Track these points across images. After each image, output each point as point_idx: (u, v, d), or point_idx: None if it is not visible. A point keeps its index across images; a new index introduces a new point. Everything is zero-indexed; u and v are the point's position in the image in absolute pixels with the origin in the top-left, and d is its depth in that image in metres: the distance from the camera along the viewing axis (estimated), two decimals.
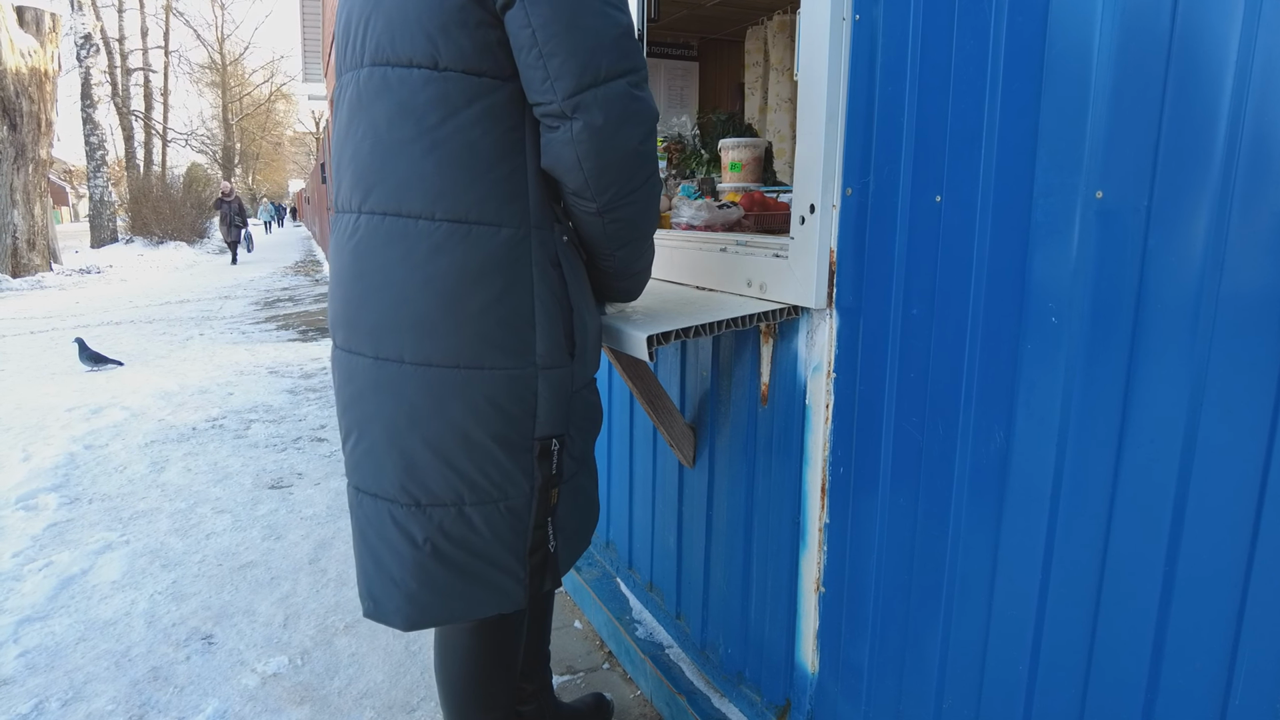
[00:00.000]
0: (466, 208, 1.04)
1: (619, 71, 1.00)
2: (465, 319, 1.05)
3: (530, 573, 1.18)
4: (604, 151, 1.01)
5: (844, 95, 1.20)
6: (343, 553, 2.61)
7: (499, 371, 1.07)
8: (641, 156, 1.05)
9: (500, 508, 1.13)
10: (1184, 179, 0.77)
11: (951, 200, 1.03)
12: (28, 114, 11.52)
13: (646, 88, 1.05)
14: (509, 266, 1.06)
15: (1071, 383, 0.89)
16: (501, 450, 1.10)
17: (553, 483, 1.17)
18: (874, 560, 1.20)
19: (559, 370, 1.12)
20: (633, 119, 1.02)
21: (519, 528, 1.15)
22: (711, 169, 2.69)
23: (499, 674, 1.32)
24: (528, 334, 1.08)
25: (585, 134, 0.99)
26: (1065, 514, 0.91)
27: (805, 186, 1.25)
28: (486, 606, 1.17)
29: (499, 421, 1.09)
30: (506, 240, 1.06)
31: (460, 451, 1.09)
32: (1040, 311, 0.92)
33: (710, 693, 1.62)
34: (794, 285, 1.28)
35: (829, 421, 1.26)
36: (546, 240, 1.09)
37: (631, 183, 1.06)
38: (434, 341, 1.06)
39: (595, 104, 0.98)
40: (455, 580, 1.15)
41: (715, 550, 1.62)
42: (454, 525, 1.12)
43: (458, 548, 1.13)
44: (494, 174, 1.04)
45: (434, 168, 1.04)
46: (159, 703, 1.83)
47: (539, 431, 1.12)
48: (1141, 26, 0.79)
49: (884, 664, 1.21)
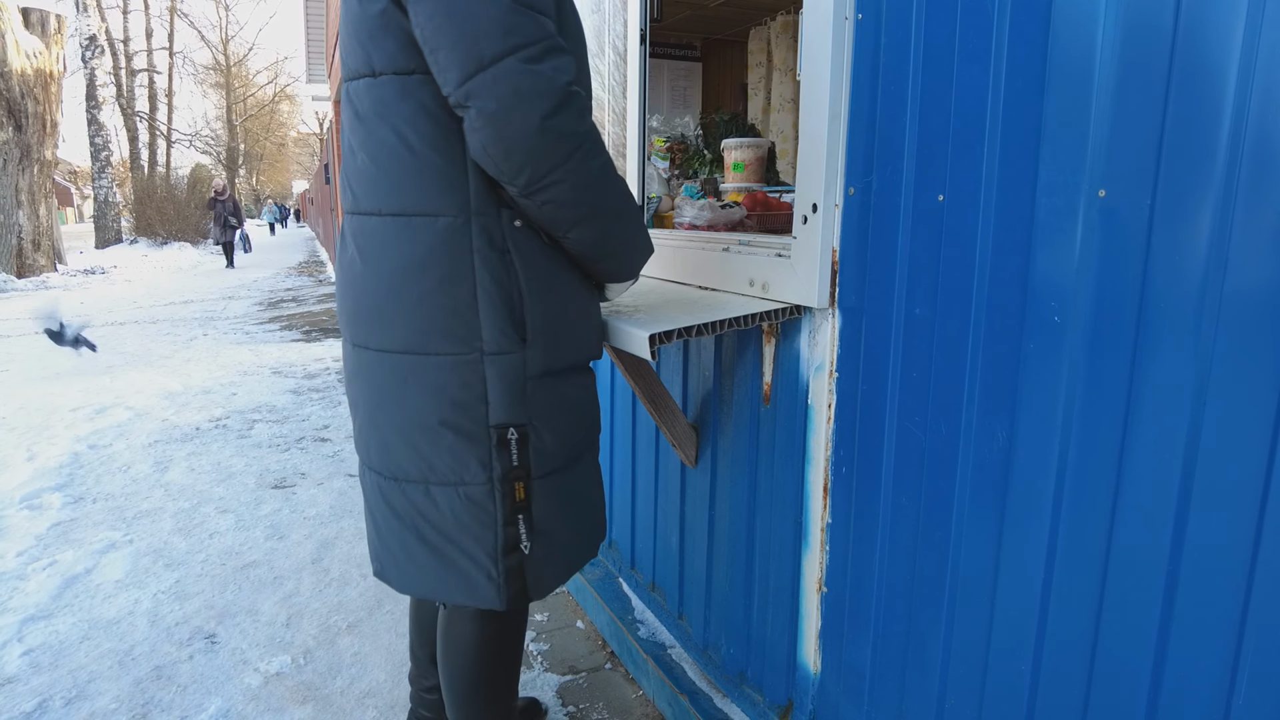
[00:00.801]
0: (406, 201, 1.10)
1: (505, 50, 0.96)
2: (411, 307, 1.11)
3: (506, 575, 1.17)
4: (504, 135, 0.98)
5: (846, 94, 1.20)
6: (345, 552, 2.61)
7: (445, 358, 1.11)
8: (550, 133, 0.99)
9: (459, 493, 1.15)
10: (1187, 177, 0.77)
11: (954, 199, 1.03)
12: (33, 115, 11.56)
13: (550, 58, 0.99)
14: (449, 254, 1.08)
15: (1074, 382, 0.89)
16: (453, 435, 1.13)
17: (515, 475, 1.15)
18: (876, 560, 1.20)
19: (508, 356, 1.11)
20: (528, 96, 0.97)
21: (484, 519, 1.15)
22: (714, 169, 2.69)
23: (500, 668, 1.32)
24: (471, 320, 1.09)
25: (480, 121, 0.98)
26: (1068, 514, 0.91)
27: (807, 186, 1.25)
28: (458, 594, 1.20)
29: (447, 407, 1.12)
30: (444, 229, 1.08)
31: (419, 434, 1.14)
32: (1043, 311, 0.92)
33: (712, 693, 1.62)
34: (796, 285, 1.28)
35: (831, 421, 1.26)
36: (490, 226, 1.09)
37: (547, 161, 1.00)
38: (389, 330, 1.13)
39: (484, 90, 0.97)
40: (430, 558, 1.19)
41: (717, 550, 1.62)
42: (424, 503, 1.17)
43: (430, 526, 1.18)
44: (430, 166, 1.08)
45: (378, 167, 1.11)
46: (162, 702, 1.83)
47: (494, 419, 1.12)
48: (1144, 24, 0.79)
49: (886, 664, 1.20)
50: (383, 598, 2.30)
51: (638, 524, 2.01)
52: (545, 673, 1.92)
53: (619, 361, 1.57)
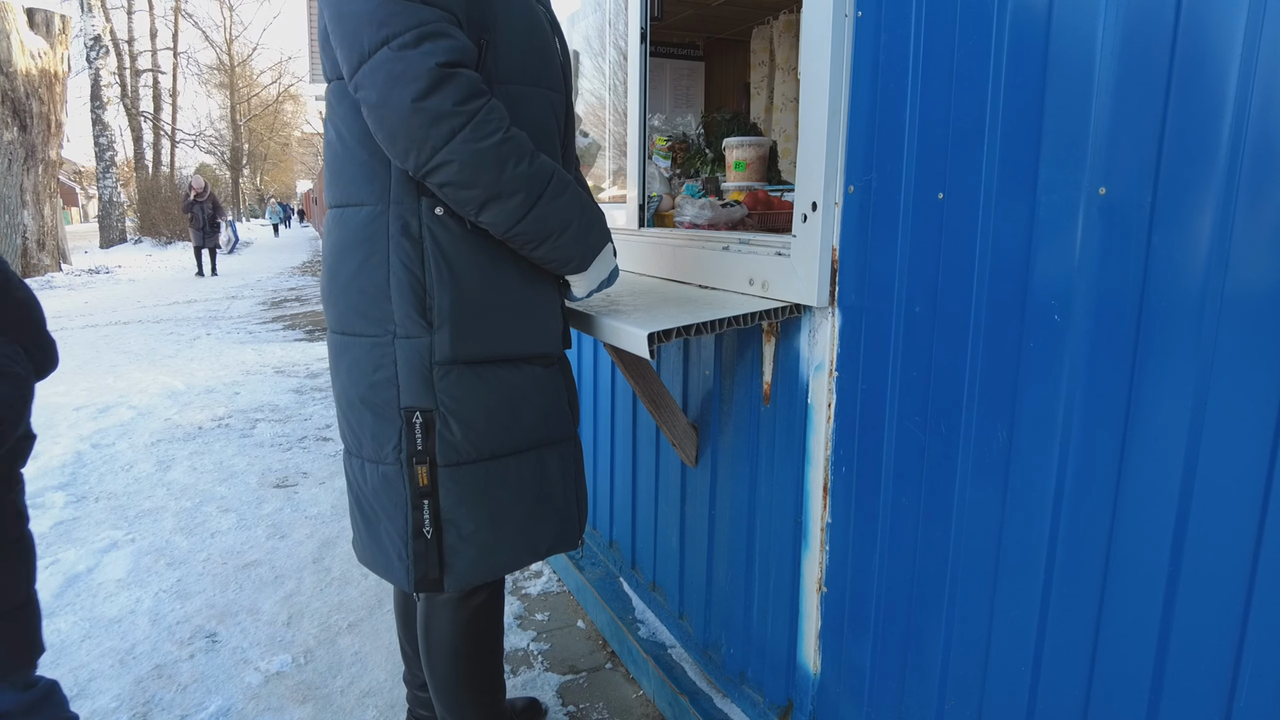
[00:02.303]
0: (341, 193, 1.19)
1: (379, 41, 1.01)
2: (340, 290, 1.19)
3: (413, 558, 1.19)
4: (383, 120, 1.03)
5: (846, 92, 1.19)
6: (346, 552, 2.61)
7: (364, 339, 1.18)
8: (424, 113, 0.99)
9: (379, 470, 1.21)
10: (1188, 175, 0.76)
11: (954, 197, 1.03)
12: (38, 115, 11.59)
13: (427, 43, 1.00)
14: (367, 241, 1.15)
15: (1074, 381, 0.88)
16: (370, 413, 1.19)
17: (418, 459, 1.16)
18: (876, 560, 1.19)
19: (415, 340, 1.14)
20: (398, 81, 0.99)
21: (397, 500, 1.19)
22: (716, 168, 2.69)
23: (479, 658, 1.33)
24: (384, 303, 1.14)
25: (367, 111, 1.04)
26: (1068, 514, 0.90)
27: (807, 184, 1.24)
28: (381, 569, 1.27)
29: (365, 385, 1.19)
30: (366, 217, 1.15)
31: (350, 410, 1.23)
32: (1043, 309, 0.91)
33: (713, 693, 1.62)
34: (796, 283, 1.28)
35: (831, 420, 1.26)
36: (405, 214, 1.12)
37: (429, 143, 1.01)
38: (331, 311, 1.23)
39: (366, 82, 1.03)
40: (366, 530, 1.28)
41: (718, 550, 1.62)
42: (360, 476, 1.25)
43: (366, 499, 1.26)
44: (356, 159, 1.15)
45: (326, 164, 1.22)
46: (162, 700, 1.83)
47: (403, 401, 1.16)
48: (1145, 20, 0.78)
49: (886, 664, 1.20)
50: (383, 597, 2.30)
51: (638, 523, 2.01)
52: (545, 672, 1.92)
53: (619, 360, 1.57)
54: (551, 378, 1.25)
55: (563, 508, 1.29)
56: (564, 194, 1.12)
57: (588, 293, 1.27)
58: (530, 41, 1.17)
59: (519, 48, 1.15)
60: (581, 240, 1.17)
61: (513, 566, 1.26)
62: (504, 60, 1.12)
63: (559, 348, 1.26)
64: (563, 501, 1.29)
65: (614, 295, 1.49)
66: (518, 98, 1.14)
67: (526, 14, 1.17)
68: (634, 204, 1.99)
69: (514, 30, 1.14)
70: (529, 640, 2.06)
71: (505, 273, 1.17)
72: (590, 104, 2.59)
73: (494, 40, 1.11)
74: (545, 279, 1.22)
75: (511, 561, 1.25)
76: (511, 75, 1.14)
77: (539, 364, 1.23)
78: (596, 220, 1.19)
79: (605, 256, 1.23)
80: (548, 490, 1.26)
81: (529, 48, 1.16)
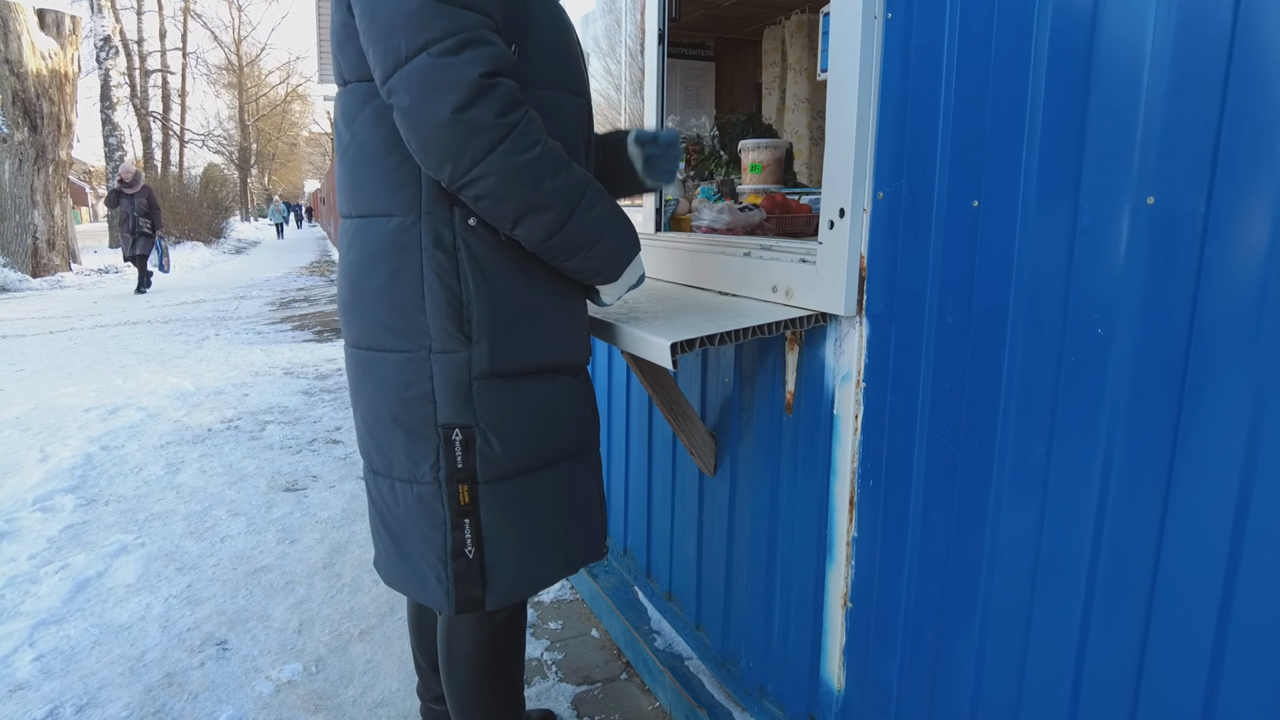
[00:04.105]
0: (364, 202, 1.13)
1: (418, 46, 0.96)
2: (366, 304, 1.14)
3: (453, 578, 1.16)
4: (418, 129, 0.98)
5: (875, 96, 1.16)
6: (357, 557, 2.59)
7: (395, 354, 1.13)
8: (464, 125, 0.96)
9: (413, 490, 1.16)
10: (1246, 184, 0.73)
11: (990, 204, 0.99)
12: (48, 115, 11.63)
13: (467, 50, 0.96)
14: (397, 253, 1.10)
15: (1119, 398, 0.85)
16: (403, 432, 1.14)
17: (459, 477, 1.13)
18: (905, 576, 1.16)
19: (454, 355, 1.10)
20: (438, 89, 0.95)
21: (434, 521, 1.15)
22: (731, 170, 2.66)
23: (500, 673, 1.30)
24: (419, 317, 1.10)
25: (400, 117, 1.00)
26: (1111, 532, 0.87)
27: (835, 190, 1.21)
28: (414, 590, 1.22)
29: (396, 403, 1.14)
30: (395, 228, 1.10)
31: (379, 429, 1.18)
32: (1085, 322, 0.88)
33: (731, 706, 1.59)
34: (822, 291, 1.24)
35: (858, 432, 1.22)
36: (438, 225, 1.08)
37: (467, 155, 0.98)
38: (353, 326, 1.18)
39: (401, 86, 0.98)
40: (395, 552, 1.23)
41: (737, 561, 1.59)
42: (390, 496, 1.20)
43: (395, 520, 1.21)
44: (382, 168, 1.10)
45: (345, 171, 1.16)
46: (173, 710, 1.81)
47: (441, 418, 1.12)
48: (1201, 21, 0.75)
49: (915, 683, 1.17)
50: (395, 604, 2.27)
51: (654, 532, 1.98)
52: (560, 683, 1.89)
53: (636, 367, 1.54)
54: (579, 386, 1.23)
55: (593, 517, 1.29)
56: (597, 205, 1.10)
57: (615, 300, 1.25)
58: (558, 44, 1.14)
59: (548, 51, 1.12)
60: (613, 251, 1.14)
61: (550, 581, 1.24)
62: (534, 64, 1.09)
63: (587, 356, 1.24)
64: (592, 511, 1.28)
65: (633, 302, 1.46)
66: (546, 102, 1.10)
67: (555, 15, 1.14)
68: (650, 207, 1.96)
69: (544, 33, 1.11)
70: (543, 649, 2.04)
71: (537, 283, 1.14)
72: (598, 105, 2.56)
73: (524, 43, 1.08)
74: (574, 287, 1.19)
75: (549, 575, 1.23)
76: (540, 79, 1.10)
77: (568, 373, 1.20)
78: (628, 229, 1.17)
79: (635, 265, 1.20)
80: (579, 501, 1.25)
81: (557, 51, 1.14)
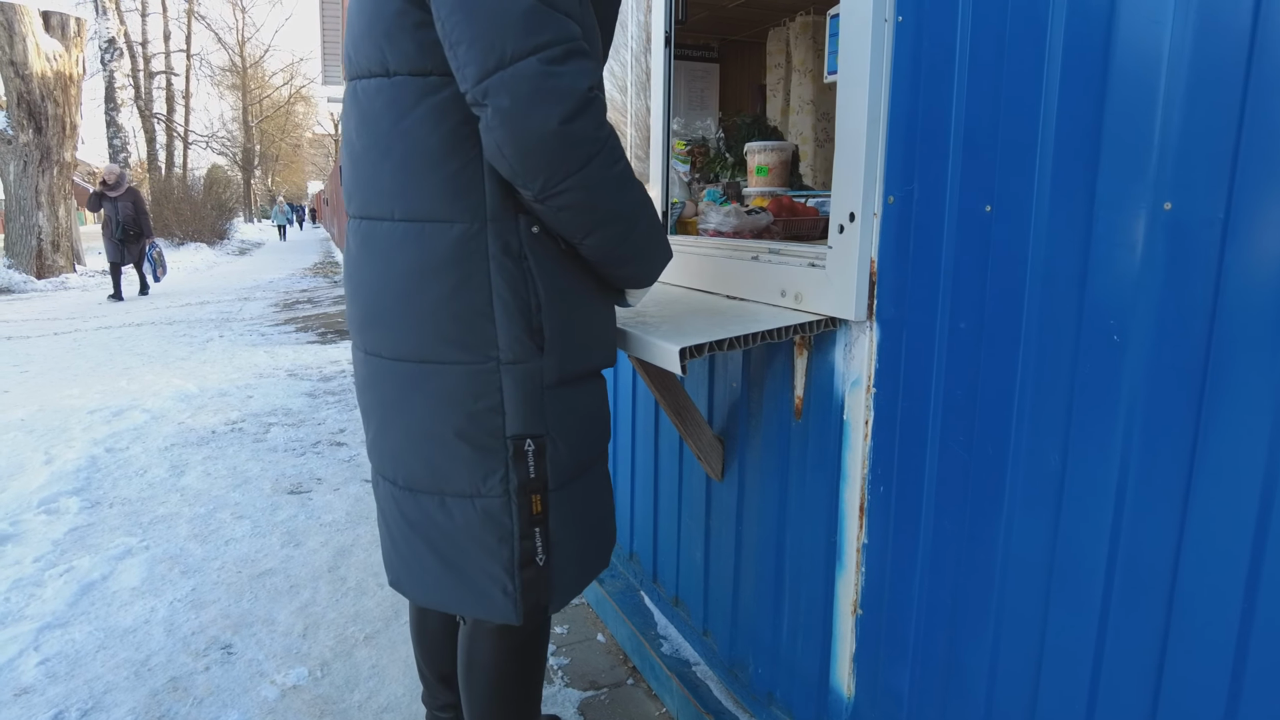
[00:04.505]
0: (419, 206, 1.06)
1: (527, 49, 0.93)
2: (422, 315, 1.08)
3: (522, 588, 1.14)
4: (519, 137, 0.94)
5: (885, 100, 1.15)
6: (362, 560, 2.58)
7: (458, 366, 1.08)
8: (567, 137, 0.95)
9: (476, 505, 1.12)
10: (1266, 190, 0.72)
11: (1003, 210, 0.99)
12: (53, 117, 11.65)
13: (573, 61, 0.95)
14: (463, 261, 1.05)
15: (1135, 405, 0.84)
16: (467, 446, 1.10)
17: (532, 487, 1.12)
18: (916, 583, 1.15)
19: (525, 365, 1.08)
20: (547, 98, 0.93)
21: (501, 533, 1.12)
22: (736, 173, 2.65)
23: (522, 684, 1.29)
24: (486, 328, 1.06)
25: (497, 120, 0.94)
26: (1128, 541, 0.86)
27: (845, 194, 1.20)
28: (471, 607, 1.18)
29: (461, 417, 1.09)
30: (459, 235, 1.05)
31: (431, 444, 1.12)
32: (1100, 329, 0.87)
33: (739, 712, 1.58)
34: (832, 296, 1.24)
35: (869, 438, 1.22)
36: (506, 232, 1.05)
37: (564, 167, 0.96)
38: (399, 337, 1.11)
39: (502, 88, 0.93)
40: (442, 570, 1.17)
41: (745, 567, 1.58)
42: (439, 514, 1.15)
43: (444, 537, 1.15)
44: (443, 170, 1.04)
45: (390, 171, 1.07)
46: (178, 714, 1.81)
47: (510, 430, 1.09)
48: (1220, 25, 0.74)
49: (926, 691, 1.16)
50: (400, 608, 2.27)
51: (660, 536, 1.97)
52: (566, 688, 1.88)
53: (643, 372, 1.53)
54: (604, 387, 1.24)
55: (612, 510, 1.31)
56: (654, 215, 1.12)
57: (638, 302, 1.26)
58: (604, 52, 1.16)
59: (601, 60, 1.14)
60: (659, 257, 1.16)
61: (592, 578, 1.25)
62: None
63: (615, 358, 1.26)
64: (613, 507, 1.31)
65: (639, 306, 1.45)
66: None
67: (609, 28, 1.15)
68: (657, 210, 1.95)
69: (599, 44, 1.12)
70: (549, 654, 2.03)
71: (589, 288, 1.15)
72: None
73: None
74: (610, 292, 1.20)
75: (595, 572, 1.25)
76: None
77: (601, 376, 1.22)
78: (664, 236, 1.18)
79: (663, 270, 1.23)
80: (609, 498, 1.28)
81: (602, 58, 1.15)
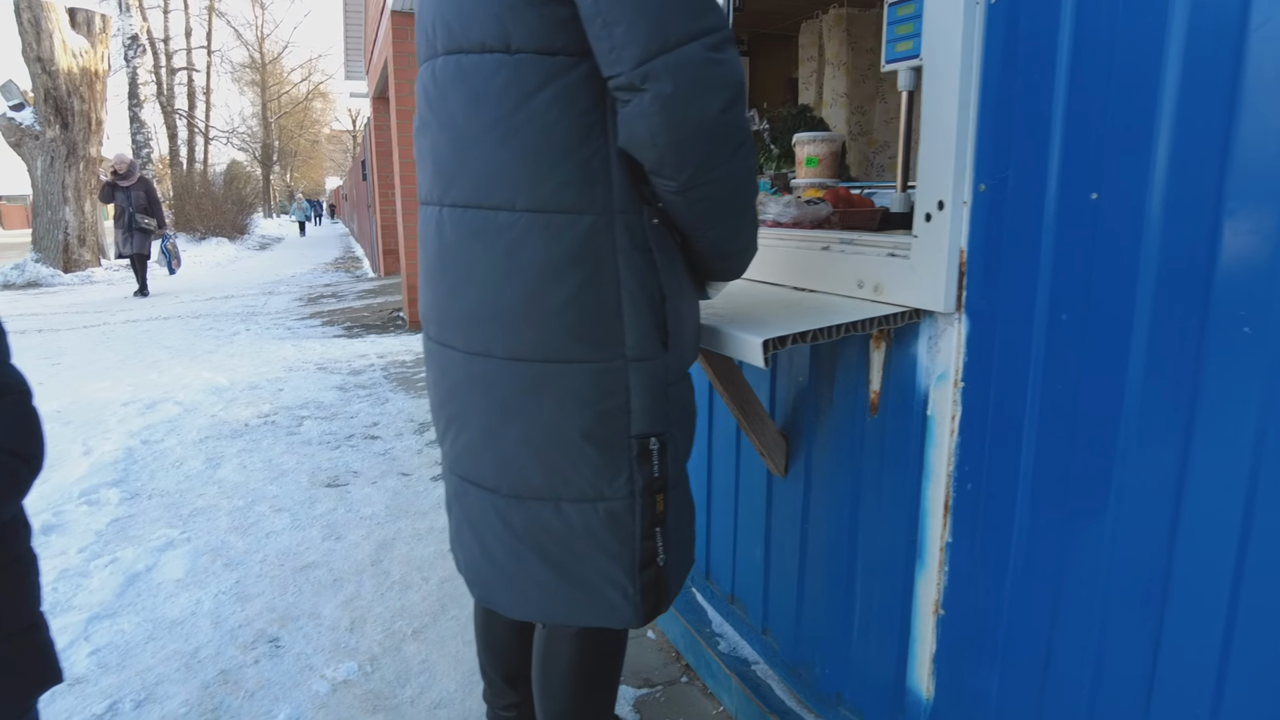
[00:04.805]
0: (545, 196, 0.99)
1: (692, 34, 0.89)
2: (549, 312, 1.02)
3: (642, 590, 1.11)
4: (678, 124, 0.90)
5: (976, 84, 1.11)
6: (405, 554, 2.57)
7: (587, 365, 1.03)
8: (724, 127, 0.93)
9: (598, 509, 1.08)
10: None
11: (1111, 198, 0.94)
12: (79, 113, 11.75)
13: (729, 49, 0.93)
14: (592, 255, 1.00)
15: (1271, 402, 0.80)
16: (593, 448, 1.05)
17: (656, 486, 1.09)
18: (1007, 584, 1.12)
19: (651, 362, 1.05)
20: (710, 85, 0.90)
21: (623, 535, 1.09)
22: (782, 164, 2.61)
23: (601, 688, 1.27)
24: (615, 325, 1.02)
25: (656, 106, 0.90)
26: (1257, 550, 0.82)
27: (932, 181, 1.16)
28: (588, 615, 1.13)
29: (588, 417, 1.04)
30: (588, 228, 1.00)
31: (552, 448, 1.06)
32: (1230, 320, 0.83)
33: (804, 713, 1.55)
34: (916, 287, 1.20)
35: (955, 434, 1.18)
36: (633, 225, 1.02)
37: (715, 156, 0.94)
38: (520, 335, 1.04)
39: (665, 72, 0.89)
40: (556, 580, 1.12)
41: (811, 565, 1.54)
42: (553, 521, 1.09)
43: (558, 545, 1.10)
44: (572, 159, 0.98)
45: (511, 157, 1.00)
46: (230, 707, 1.80)
47: (635, 429, 1.06)
48: None
49: (1017, 694, 1.12)
50: (446, 603, 2.25)
51: (714, 534, 1.94)
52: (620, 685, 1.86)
53: (707, 367, 1.50)
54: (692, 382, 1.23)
55: None
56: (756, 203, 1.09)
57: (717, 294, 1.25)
58: None
59: None
60: (753, 250, 1.14)
61: (687, 573, 1.24)
62: None
63: None
64: None
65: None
66: None
67: None
68: None
69: None
70: None
71: (692, 282, 1.13)
72: None
73: None
74: (699, 285, 1.17)
75: (689, 566, 1.23)
76: None
77: None
78: None
79: None
80: None
81: None
